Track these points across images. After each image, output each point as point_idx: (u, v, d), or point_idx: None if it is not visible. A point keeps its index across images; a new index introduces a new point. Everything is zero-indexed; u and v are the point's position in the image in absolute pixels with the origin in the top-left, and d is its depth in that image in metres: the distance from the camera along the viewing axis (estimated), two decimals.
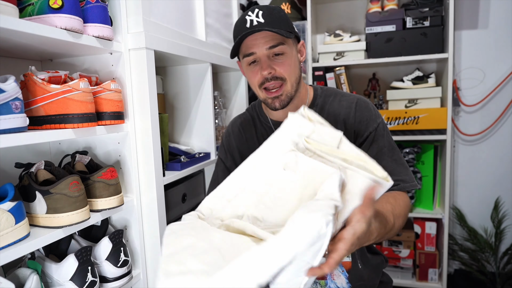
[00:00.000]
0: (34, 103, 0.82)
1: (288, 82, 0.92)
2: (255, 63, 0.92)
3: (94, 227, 1.06)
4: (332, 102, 0.99)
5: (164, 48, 1.10)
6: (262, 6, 0.91)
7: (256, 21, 0.88)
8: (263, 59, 0.91)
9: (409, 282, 2.05)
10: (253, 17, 0.88)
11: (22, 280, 0.81)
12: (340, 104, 0.98)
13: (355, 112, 0.95)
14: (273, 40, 0.89)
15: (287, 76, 0.92)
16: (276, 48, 0.89)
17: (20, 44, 0.85)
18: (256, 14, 0.88)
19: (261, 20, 0.88)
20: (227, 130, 1.15)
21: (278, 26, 0.88)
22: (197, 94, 1.47)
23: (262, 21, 0.87)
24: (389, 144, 0.94)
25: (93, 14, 0.89)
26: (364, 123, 0.94)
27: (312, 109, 0.95)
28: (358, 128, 0.94)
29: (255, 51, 0.90)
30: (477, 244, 2.08)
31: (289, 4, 2.08)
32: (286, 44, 0.91)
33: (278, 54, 0.91)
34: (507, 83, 2.02)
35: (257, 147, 0.87)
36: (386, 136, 0.94)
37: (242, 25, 0.90)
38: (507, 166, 2.07)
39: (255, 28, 0.87)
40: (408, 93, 1.94)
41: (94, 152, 1.10)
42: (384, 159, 0.91)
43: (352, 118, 0.95)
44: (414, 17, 1.87)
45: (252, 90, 2.13)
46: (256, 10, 0.89)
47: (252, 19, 0.88)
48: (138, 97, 1.03)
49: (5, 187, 0.75)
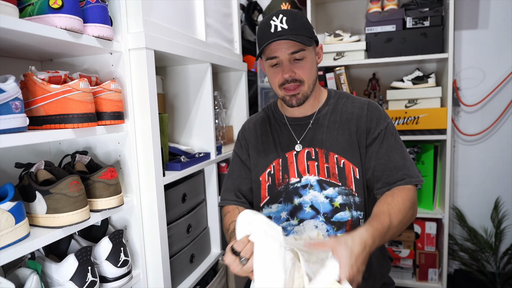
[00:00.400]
0: (34, 103, 0.82)
1: (305, 84, 1.00)
2: (277, 65, 1.00)
3: (94, 227, 1.06)
4: (345, 103, 1.08)
5: (164, 48, 1.10)
6: (286, 12, 0.97)
7: (280, 27, 0.95)
8: (285, 62, 0.98)
9: (409, 282, 2.05)
10: (277, 22, 0.95)
11: (22, 280, 0.81)
12: (353, 104, 1.07)
13: (367, 111, 1.04)
14: (295, 46, 0.96)
15: (305, 79, 1.00)
16: (297, 54, 0.97)
17: (20, 44, 0.85)
18: (280, 20, 0.95)
19: (284, 26, 0.95)
20: (242, 126, 1.22)
21: (300, 32, 0.95)
22: (197, 94, 1.47)
23: (285, 28, 0.94)
24: (398, 142, 1.02)
25: (93, 14, 0.89)
26: (375, 121, 1.02)
27: (325, 108, 1.06)
28: (370, 126, 1.02)
29: (278, 55, 0.97)
30: (477, 244, 2.08)
31: (289, 4, 2.08)
32: (306, 49, 0.98)
33: (299, 59, 0.98)
34: (507, 83, 2.02)
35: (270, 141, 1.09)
36: (395, 134, 1.03)
37: (267, 30, 0.97)
38: (507, 166, 2.07)
39: (280, 34, 0.94)
40: (408, 93, 1.94)
41: (94, 152, 1.10)
42: (393, 155, 0.99)
43: (364, 116, 1.03)
44: (414, 17, 1.87)
45: (252, 90, 2.14)
46: (280, 15, 0.96)
47: (277, 24, 0.95)
48: (138, 97, 1.03)
49: (5, 187, 0.75)
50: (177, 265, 1.26)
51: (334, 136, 1.04)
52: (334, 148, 1.03)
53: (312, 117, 1.08)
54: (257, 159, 1.13)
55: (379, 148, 1.01)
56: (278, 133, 1.11)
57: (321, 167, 1.04)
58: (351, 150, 1.03)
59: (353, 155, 1.02)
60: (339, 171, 1.03)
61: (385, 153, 1.00)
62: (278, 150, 1.10)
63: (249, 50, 2.18)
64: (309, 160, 1.06)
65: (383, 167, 0.99)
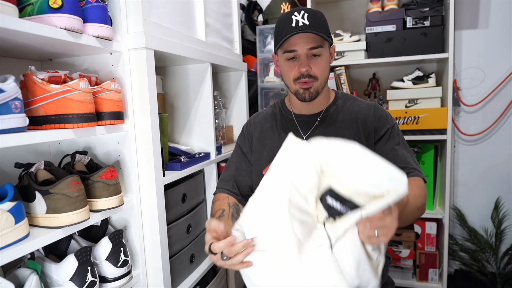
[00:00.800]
0: (34, 103, 0.82)
1: (319, 80, 1.03)
2: (294, 59, 1.02)
3: (94, 227, 1.06)
4: (352, 104, 1.11)
5: (164, 48, 1.10)
6: (306, 9, 1.00)
7: (302, 22, 0.97)
8: (302, 57, 1.00)
9: (409, 282, 2.04)
10: (299, 18, 0.98)
11: (21, 280, 0.81)
12: (360, 106, 1.10)
13: (374, 112, 1.08)
14: (314, 42, 0.99)
15: (319, 76, 1.03)
16: (316, 49, 0.99)
17: (19, 44, 0.85)
18: (302, 15, 0.98)
19: (306, 21, 0.97)
20: (248, 121, 1.24)
21: (319, 30, 0.98)
22: (197, 94, 1.47)
23: (307, 23, 0.97)
24: (403, 141, 1.07)
25: (93, 14, 0.89)
26: (382, 121, 1.07)
27: (332, 107, 1.09)
28: (377, 125, 1.06)
29: (296, 49, 1.00)
30: (478, 244, 2.08)
31: (289, 4, 2.08)
32: (323, 47, 1.01)
33: (316, 55, 1.01)
34: (507, 83, 2.02)
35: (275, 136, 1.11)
36: (401, 135, 1.08)
37: (288, 24, 0.99)
38: (507, 166, 2.07)
39: (301, 29, 0.96)
40: (408, 93, 1.93)
41: (94, 152, 1.10)
42: (401, 151, 1.03)
43: (371, 116, 1.07)
44: (414, 17, 1.87)
45: (252, 90, 2.14)
46: (302, 12, 0.99)
47: (298, 19, 0.98)
48: (138, 97, 1.03)
49: (5, 187, 0.75)
50: (177, 265, 1.26)
51: (341, 134, 1.07)
52: None
53: (319, 115, 1.10)
54: (261, 152, 1.13)
55: (385, 144, 1.05)
56: (285, 128, 1.13)
57: None
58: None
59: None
60: None
61: (392, 149, 1.04)
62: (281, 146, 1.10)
63: (249, 50, 2.18)
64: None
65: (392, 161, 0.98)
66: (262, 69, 2.07)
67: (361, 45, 1.96)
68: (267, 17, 2.15)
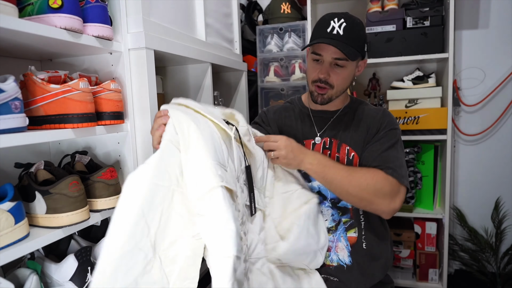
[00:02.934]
0: (34, 103, 0.82)
1: (334, 89, 1.07)
2: (319, 61, 1.05)
3: (93, 227, 1.06)
4: (364, 107, 1.17)
5: (164, 48, 1.10)
6: (348, 18, 1.02)
7: (336, 30, 1.00)
8: (325, 64, 1.04)
9: (409, 282, 2.04)
10: (336, 25, 1.00)
11: (21, 281, 0.81)
12: (370, 109, 1.16)
13: (382, 115, 1.12)
14: (341, 53, 1.00)
15: (336, 86, 1.06)
16: (340, 61, 1.02)
17: (19, 44, 0.85)
18: (340, 24, 1.00)
19: (340, 32, 0.99)
20: (266, 108, 1.28)
21: (351, 43, 1.00)
22: (197, 94, 1.47)
23: (341, 34, 0.99)
24: (399, 145, 1.09)
25: (92, 14, 0.88)
26: (385, 124, 1.10)
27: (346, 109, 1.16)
28: (380, 127, 1.10)
29: (322, 54, 1.03)
30: (478, 244, 2.08)
31: (289, 4, 2.08)
32: (350, 60, 1.02)
33: (339, 65, 1.03)
34: (507, 83, 2.02)
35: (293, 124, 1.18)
36: (399, 140, 1.10)
37: (324, 27, 1.02)
38: (507, 166, 2.06)
39: (332, 37, 0.99)
40: (408, 93, 1.93)
41: (94, 152, 1.10)
42: (390, 152, 1.05)
43: (379, 119, 1.12)
44: (414, 17, 1.87)
45: (252, 90, 2.14)
46: (342, 20, 1.01)
47: (335, 26, 1.00)
48: (138, 97, 1.03)
49: (5, 187, 0.75)
50: None
51: (350, 131, 1.12)
52: (347, 141, 1.11)
53: (335, 114, 1.15)
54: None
55: (376, 144, 1.07)
56: (302, 120, 1.18)
57: (333, 156, 1.11)
58: (362, 146, 1.09)
59: (361, 150, 1.09)
60: (348, 163, 1.09)
61: (380, 148, 1.06)
62: (298, 135, 1.15)
63: (249, 50, 2.18)
64: (324, 149, 1.12)
65: (372, 158, 1.05)
66: (262, 69, 2.07)
67: None
68: (267, 17, 2.15)
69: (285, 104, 1.26)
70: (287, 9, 2.08)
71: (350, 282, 1.07)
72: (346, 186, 0.99)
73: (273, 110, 1.24)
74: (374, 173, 1.00)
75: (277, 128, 1.19)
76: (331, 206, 1.10)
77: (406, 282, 2.05)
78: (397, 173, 1.01)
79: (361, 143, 1.09)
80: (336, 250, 1.10)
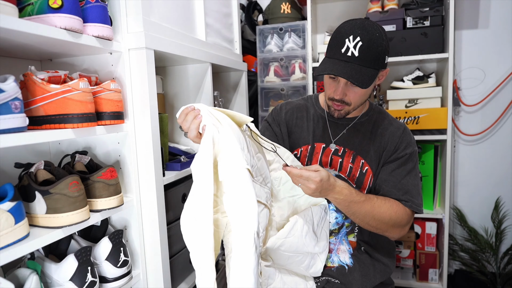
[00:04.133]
0: (34, 103, 0.82)
1: (352, 106, 1.03)
2: (334, 78, 1.00)
3: (93, 227, 1.06)
4: (384, 118, 1.13)
5: (164, 48, 1.10)
6: (365, 35, 0.92)
7: (351, 52, 0.92)
8: (341, 84, 0.99)
9: (409, 282, 2.04)
10: (351, 45, 0.92)
11: (21, 281, 0.81)
12: (391, 123, 1.12)
13: (402, 133, 1.09)
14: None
15: (354, 103, 1.02)
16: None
17: (19, 44, 0.85)
18: (355, 44, 0.92)
19: (355, 53, 0.92)
20: (279, 105, 1.22)
21: (368, 64, 0.93)
22: (197, 94, 1.47)
23: (356, 55, 0.92)
24: (415, 169, 1.07)
25: (92, 14, 0.88)
26: (404, 144, 1.07)
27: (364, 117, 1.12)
28: (399, 147, 1.07)
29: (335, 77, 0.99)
30: (478, 244, 2.08)
31: (289, 4, 2.08)
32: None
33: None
34: (507, 83, 2.02)
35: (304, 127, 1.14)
36: (416, 163, 1.08)
37: (338, 46, 0.95)
38: (507, 166, 2.07)
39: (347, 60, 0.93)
40: (408, 93, 1.93)
41: (94, 152, 1.10)
42: (407, 179, 1.05)
43: (398, 137, 1.08)
44: (414, 17, 1.87)
45: (252, 90, 2.14)
46: (358, 39, 0.92)
47: (349, 46, 0.93)
48: (138, 97, 1.03)
49: (5, 187, 0.75)
50: (177, 265, 1.26)
51: (366, 144, 1.09)
52: (363, 154, 1.08)
53: (352, 121, 1.12)
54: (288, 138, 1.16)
55: (396, 167, 1.06)
56: (315, 122, 1.14)
57: (345, 165, 1.09)
58: (376, 162, 1.08)
59: (376, 166, 1.08)
60: (360, 175, 1.08)
61: (400, 174, 1.05)
62: (310, 137, 1.13)
63: (249, 50, 2.18)
64: (334, 155, 1.10)
65: (393, 185, 1.04)
66: (262, 69, 2.07)
67: None
68: (267, 17, 2.15)
69: (300, 101, 1.21)
70: (287, 9, 2.08)
71: (351, 283, 1.07)
72: (368, 219, 0.98)
73: (286, 109, 1.19)
74: (395, 208, 1.00)
75: (286, 129, 1.16)
76: (335, 210, 1.10)
77: (406, 282, 2.05)
78: (415, 204, 1.03)
79: (376, 159, 1.08)
80: (338, 252, 1.10)
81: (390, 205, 1.00)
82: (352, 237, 1.11)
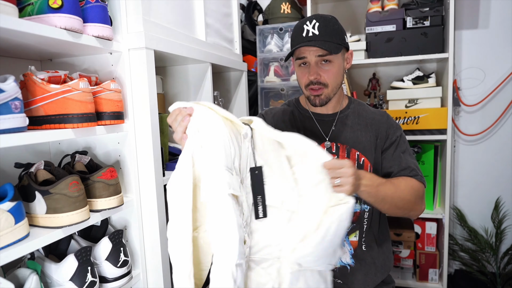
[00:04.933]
0: (34, 103, 0.82)
1: (329, 87, 1.05)
2: (305, 65, 1.05)
3: (93, 227, 1.06)
4: (366, 109, 1.17)
5: (164, 48, 1.10)
6: (319, 18, 1.02)
7: (312, 32, 1.00)
8: (312, 64, 1.03)
9: (409, 282, 2.04)
10: (309, 27, 1.00)
11: (21, 281, 0.81)
12: (373, 112, 1.16)
13: (387, 120, 1.13)
14: (322, 50, 1.00)
15: (330, 83, 1.05)
16: (325, 57, 1.02)
17: (19, 44, 0.85)
18: (313, 25, 1.00)
19: (316, 32, 1.00)
20: (264, 111, 1.26)
21: (329, 39, 1.00)
22: (197, 94, 1.47)
23: (316, 33, 1.00)
24: (409, 148, 1.13)
25: (92, 14, 0.89)
26: (393, 128, 1.12)
27: (347, 110, 1.16)
28: (389, 132, 1.11)
29: (306, 56, 1.03)
30: (478, 244, 2.08)
31: (289, 4, 2.08)
32: (334, 53, 1.01)
33: (327, 61, 1.03)
34: (507, 83, 2.02)
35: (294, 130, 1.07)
36: (406, 142, 1.14)
37: (299, 33, 1.02)
38: (507, 166, 2.06)
39: (310, 39, 1.00)
40: (408, 93, 1.93)
41: (94, 152, 1.10)
42: (407, 158, 1.09)
43: (385, 122, 1.12)
44: (414, 17, 1.87)
45: (252, 90, 2.14)
46: (314, 21, 1.01)
47: (309, 29, 1.00)
48: (138, 97, 1.03)
49: (5, 187, 0.75)
50: None
51: (358, 135, 1.11)
52: (357, 146, 1.10)
53: (336, 115, 1.14)
54: None
55: (394, 151, 1.09)
56: (304, 123, 1.16)
57: None
58: (371, 151, 1.10)
59: (372, 155, 1.10)
60: (358, 167, 1.07)
61: (399, 155, 1.09)
62: None
63: (249, 50, 2.18)
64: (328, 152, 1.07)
65: (398, 167, 1.08)
66: (262, 69, 2.07)
67: (361, 45, 1.96)
68: (267, 17, 2.15)
69: (282, 107, 1.23)
70: (287, 9, 2.08)
71: (353, 283, 1.08)
72: (396, 200, 0.98)
73: (272, 113, 1.21)
74: (410, 182, 1.03)
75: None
76: None
77: (406, 282, 2.05)
78: (421, 176, 1.06)
79: (371, 148, 1.09)
80: None
81: (405, 181, 1.02)
82: (353, 237, 1.11)
